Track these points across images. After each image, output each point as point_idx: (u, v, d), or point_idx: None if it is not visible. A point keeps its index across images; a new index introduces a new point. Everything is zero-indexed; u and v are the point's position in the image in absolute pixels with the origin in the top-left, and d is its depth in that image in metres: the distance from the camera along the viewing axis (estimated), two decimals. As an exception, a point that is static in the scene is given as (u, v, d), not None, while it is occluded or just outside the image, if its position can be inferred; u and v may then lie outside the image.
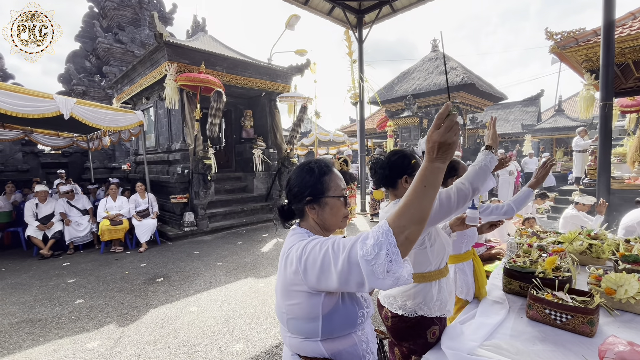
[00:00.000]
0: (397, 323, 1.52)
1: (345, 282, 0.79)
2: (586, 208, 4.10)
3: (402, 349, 1.56)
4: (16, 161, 9.34)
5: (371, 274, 0.74)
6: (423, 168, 0.79)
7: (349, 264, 0.77)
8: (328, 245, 0.84)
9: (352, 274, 0.77)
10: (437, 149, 0.77)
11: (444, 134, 0.76)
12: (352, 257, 0.77)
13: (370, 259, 0.73)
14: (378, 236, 0.74)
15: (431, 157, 0.78)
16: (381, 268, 0.73)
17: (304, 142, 14.66)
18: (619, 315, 1.48)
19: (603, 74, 4.90)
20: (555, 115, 16.54)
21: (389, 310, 1.55)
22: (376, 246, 0.73)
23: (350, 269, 0.77)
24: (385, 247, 0.73)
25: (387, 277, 0.73)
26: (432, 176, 0.77)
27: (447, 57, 14.14)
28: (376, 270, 0.73)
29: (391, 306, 1.54)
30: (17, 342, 2.83)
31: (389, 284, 0.74)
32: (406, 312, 1.48)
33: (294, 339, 1.00)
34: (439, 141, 0.77)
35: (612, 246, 2.15)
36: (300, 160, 10.73)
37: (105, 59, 12.86)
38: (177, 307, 3.44)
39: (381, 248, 0.73)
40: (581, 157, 8.44)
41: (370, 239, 0.76)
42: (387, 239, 0.73)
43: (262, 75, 8.71)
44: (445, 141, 0.76)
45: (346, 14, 8.88)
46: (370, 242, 0.75)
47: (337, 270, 0.79)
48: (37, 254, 5.55)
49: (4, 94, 4.42)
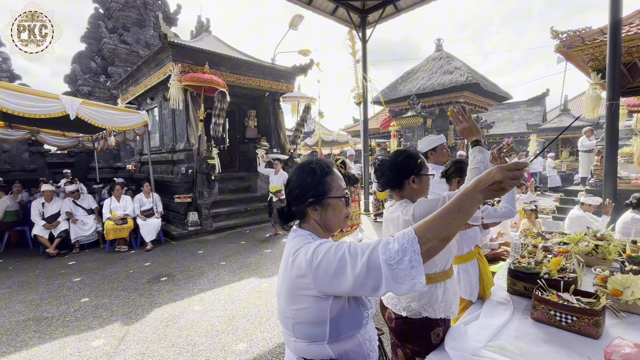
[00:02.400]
0: (401, 325, 1.50)
1: (361, 286, 0.80)
2: (592, 209, 4.05)
3: (405, 351, 1.54)
4: (23, 161, 9.44)
5: (391, 278, 0.76)
6: (465, 193, 0.81)
7: (367, 268, 0.79)
8: (344, 249, 0.85)
9: (370, 278, 0.78)
10: (490, 184, 0.80)
11: (508, 180, 0.79)
12: (373, 262, 0.78)
13: (393, 263, 0.76)
14: (404, 242, 0.77)
15: (479, 187, 0.81)
16: (402, 273, 0.76)
17: (307, 142, 14.66)
18: (626, 317, 1.47)
19: (610, 73, 4.85)
20: (561, 115, 16.39)
21: (393, 311, 1.54)
22: (400, 252, 0.76)
23: (369, 273, 0.78)
24: (410, 253, 0.76)
25: (406, 283, 0.76)
26: (469, 203, 0.80)
27: (451, 57, 14.04)
28: (396, 275, 0.76)
29: (395, 307, 1.53)
30: (24, 340, 2.86)
31: (405, 290, 0.77)
32: (410, 314, 1.48)
33: (299, 343, 0.97)
34: (500, 180, 0.79)
35: (618, 247, 2.12)
36: (303, 160, 10.73)
37: (111, 60, 12.97)
38: (181, 306, 3.46)
39: (405, 254, 0.76)
40: (587, 157, 8.36)
41: (394, 244, 0.78)
42: (413, 247, 0.76)
43: (265, 76, 8.73)
44: (503, 183, 0.79)
45: (350, 13, 8.86)
46: (394, 247, 0.78)
47: (354, 274, 0.80)
48: (44, 252, 5.61)
49: (12, 95, 4.47)
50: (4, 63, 10.47)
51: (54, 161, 10.33)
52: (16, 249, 6.12)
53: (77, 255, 5.58)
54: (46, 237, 5.61)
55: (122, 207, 6.06)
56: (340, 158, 4.21)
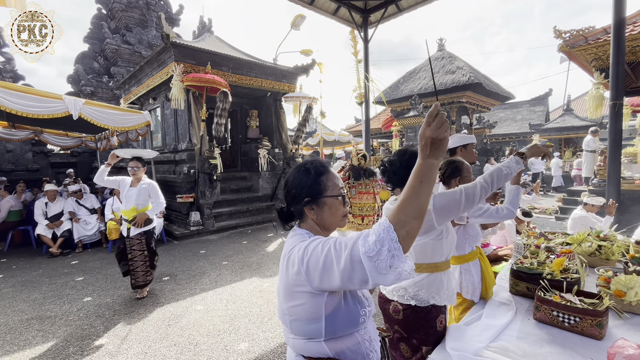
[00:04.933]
0: (410, 314, 1.52)
1: (349, 279, 0.80)
2: (595, 209, 4.03)
3: (411, 342, 1.54)
4: (26, 161, 9.50)
5: (374, 270, 0.75)
6: (418, 165, 0.81)
7: (351, 261, 0.78)
8: (330, 244, 0.85)
9: (355, 271, 0.78)
10: (429, 146, 0.80)
11: (435, 130, 0.79)
12: (355, 255, 0.78)
13: (373, 255, 0.75)
14: (380, 232, 0.76)
15: (425, 153, 0.81)
16: (384, 264, 0.74)
17: (309, 142, 14.65)
18: (629, 318, 1.46)
19: (613, 73, 4.82)
20: (564, 114, 16.31)
21: (399, 302, 1.55)
22: (378, 242, 0.75)
23: (353, 267, 0.78)
24: (387, 243, 0.74)
25: (390, 273, 0.75)
26: (427, 172, 0.80)
27: (453, 56, 14.02)
28: (379, 266, 0.75)
29: (402, 298, 1.54)
30: (27, 339, 2.88)
31: (391, 280, 0.76)
32: (419, 302, 1.51)
33: (297, 340, 1.00)
34: (432, 137, 0.79)
35: (621, 248, 2.11)
36: (305, 160, 10.73)
37: (113, 60, 13.02)
38: (183, 306, 3.47)
39: (383, 244, 0.75)
40: (591, 157, 8.31)
41: (371, 235, 0.77)
42: (389, 235, 0.75)
43: (267, 76, 8.74)
44: (437, 137, 0.79)
45: (352, 13, 8.85)
46: (371, 238, 0.76)
47: (339, 268, 0.80)
48: (47, 252, 5.65)
49: (15, 95, 4.50)
50: (8, 63, 10.54)
51: (57, 161, 10.38)
52: (19, 248, 6.16)
53: (80, 255, 5.61)
54: (49, 236, 5.64)
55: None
56: (362, 151, 4.16)
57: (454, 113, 13.55)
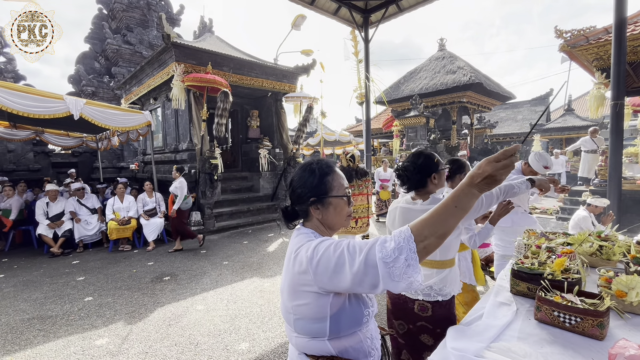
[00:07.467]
0: (438, 310, 1.64)
1: (360, 283, 0.81)
2: (598, 210, 4.00)
3: (436, 332, 1.65)
4: (28, 161, 9.53)
5: (387, 276, 0.77)
6: (460, 189, 0.81)
7: (365, 265, 0.79)
8: (343, 247, 0.86)
9: (368, 275, 0.79)
10: (483, 179, 0.80)
11: (499, 170, 0.79)
12: (370, 259, 0.79)
13: (389, 261, 0.76)
14: (400, 241, 0.77)
15: (473, 182, 0.80)
16: (398, 271, 0.76)
17: (309, 142, 14.66)
18: (630, 319, 1.45)
19: (614, 73, 4.82)
20: (565, 114, 16.30)
21: (426, 300, 1.64)
22: (397, 250, 0.76)
23: (367, 271, 0.79)
24: (406, 252, 0.76)
25: (402, 281, 0.77)
26: (465, 199, 0.80)
27: (454, 56, 14.00)
28: (393, 273, 0.76)
29: (428, 296, 1.64)
30: (28, 339, 2.88)
31: (402, 287, 0.78)
32: (444, 297, 1.64)
33: (300, 339, 1.00)
34: (491, 173, 0.79)
35: (623, 248, 2.10)
36: (306, 160, 10.75)
37: (114, 60, 13.04)
38: (183, 306, 3.48)
39: (401, 252, 0.76)
40: (592, 157, 8.27)
41: (390, 242, 0.78)
42: (409, 245, 0.76)
43: (268, 76, 8.74)
44: (495, 176, 0.79)
45: (352, 13, 8.86)
46: (390, 245, 0.78)
47: (352, 271, 0.81)
48: (48, 252, 5.66)
49: (16, 95, 4.51)
50: (9, 64, 10.57)
51: (58, 161, 10.41)
52: (21, 248, 6.18)
53: (81, 255, 5.62)
54: (50, 236, 5.65)
55: (126, 208, 6.07)
56: (351, 152, 4.18)
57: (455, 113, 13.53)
